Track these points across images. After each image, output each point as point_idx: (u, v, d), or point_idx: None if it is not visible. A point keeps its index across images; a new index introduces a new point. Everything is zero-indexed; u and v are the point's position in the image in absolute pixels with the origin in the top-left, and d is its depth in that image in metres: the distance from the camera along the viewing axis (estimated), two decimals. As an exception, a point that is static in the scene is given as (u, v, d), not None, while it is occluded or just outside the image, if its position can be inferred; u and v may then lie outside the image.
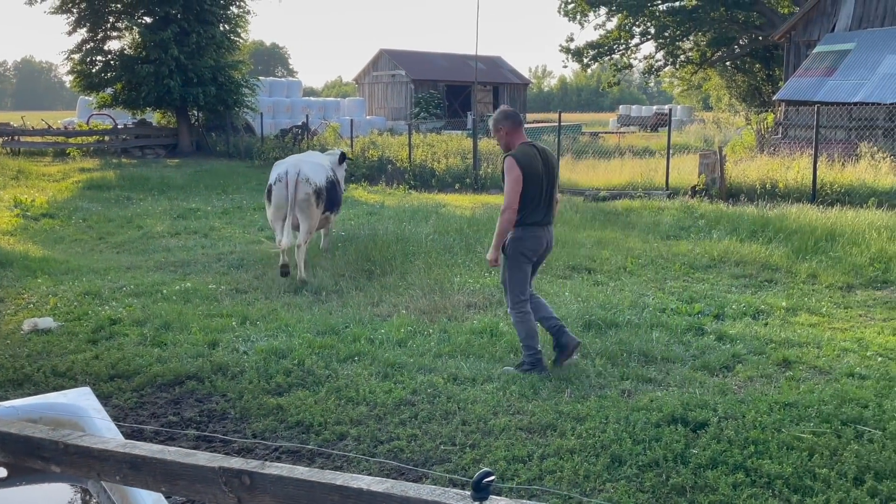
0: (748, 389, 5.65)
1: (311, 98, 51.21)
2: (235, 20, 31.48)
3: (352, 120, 29.95)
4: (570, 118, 51.19)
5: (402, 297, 8.38)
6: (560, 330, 6.20)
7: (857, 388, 5.53)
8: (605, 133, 40.61)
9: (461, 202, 17.29)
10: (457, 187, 20.61)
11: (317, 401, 5.55)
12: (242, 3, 31.69)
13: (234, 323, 7.48)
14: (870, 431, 4.78)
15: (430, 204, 16.84)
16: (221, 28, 30.72)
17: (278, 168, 9.43)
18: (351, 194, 19.82)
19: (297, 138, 27.96)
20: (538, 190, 5.99)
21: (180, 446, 5.05)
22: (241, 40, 32.46)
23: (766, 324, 7.42)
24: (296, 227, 9.29)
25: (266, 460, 4.87)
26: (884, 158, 17.68)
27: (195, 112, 32.15)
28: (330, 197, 9.70)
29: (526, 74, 65.04)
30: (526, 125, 31.98)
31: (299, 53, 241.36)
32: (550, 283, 8.99)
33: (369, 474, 4.51)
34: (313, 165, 9.58)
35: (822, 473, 4.27)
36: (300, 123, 30.08)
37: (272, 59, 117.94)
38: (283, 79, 62.55)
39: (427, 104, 49.17)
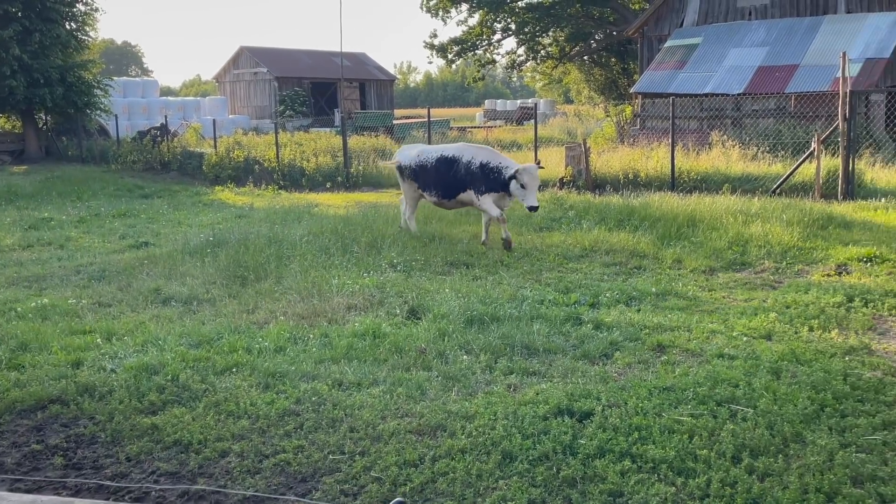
0: (628, 376, 5.81)
1: (170, 98, 49.37)
2: (83, 18, 29.86)
3: (214, 120, 29.01)
4: (437, 113, 51.50)
5: (278, 303, 8.14)
6: None
7: (728, 368, 5.79)
8: (473, 127, 41.14)
9: (334, 201, 17.06)
10: (328, 186, 20.34)
11: (194, 417, 5.29)
12: (89, 0, 30.09)
13: (98, 339, 7.05)
14: (742, 410, 5.01)
15: (301, 204, 16.53)
16: (67, 26, 29.07)
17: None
18: (217, 197, 19.21)
19: (157, 140, 26.81)
20: None
21: (46, 476, 4.71)
22: (89, 39, 30.81)
23: (639, 310, 7.67)
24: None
25: (143, 484, 4.61)
26: (733, 146, 18.73)
27: (43, 115, 30.30)
28: None
29: (391, 70, 64.98)
30: (395, 121, 32.04)
31: (154, 52, 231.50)
32: (430, 280, 8.97)
33: (255, 491, 4.34)
34: None
35: (703, 454, 4.43)
36: (159, 124, 28.88)
37: (125, 58, 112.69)
38: (137, 78, 59.91)
39: (292, 102, 48.32)
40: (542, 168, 12.18)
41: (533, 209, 10.19)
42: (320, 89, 51.37)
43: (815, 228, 11.09)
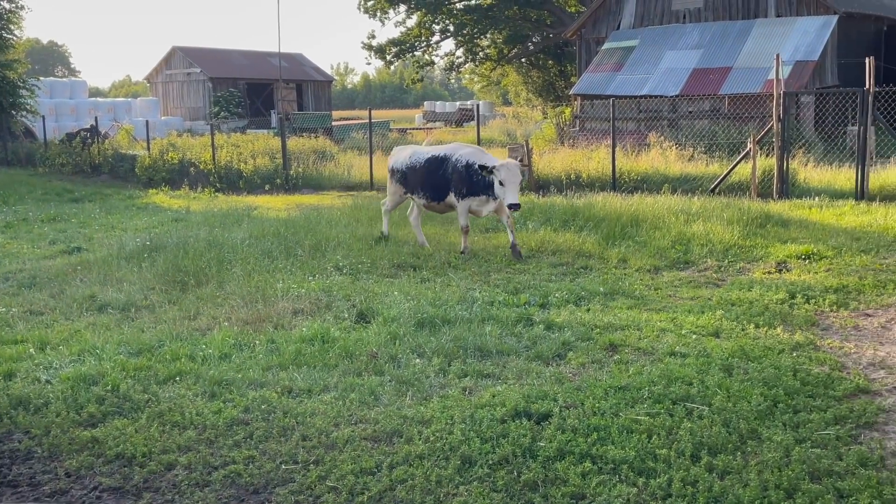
0: (583, 376, 5.79)
1: (99, 99, 48.14)
2: (7, 16, 28.76)
3: (147, 121, 28.27)
4: (377, 115, 51.09)
5: (221, 309, 7.91)
6: None
7: (681, 366, 5.81)
8: (413, 129, 41.10)
9: (274, 203, 16.78)
10: (267, 188, 20.02)
11: (137, 429, 5.07)
12: (14, -2, 29.03)
13: (31, 349, 6.73)
14: (698, 408, 5.02)
15: (240, 207, 16.20)
16: (-9, 24, 28.01)
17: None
18: (151, 200, 18.74)
19: (87, 142, 26.00)
20: None
21: (-22, 497, 4.45)
22: (14, 38, 29.71)
23: (589, 310, 7.67)
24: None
25: (84, 501, 4.39)
26: (670, 147, 19.04)
27: (-36, 116, 29.13)
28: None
29: (328, 71, 64.41)
30: (334, 123, 31.72)
31: (81, 52, 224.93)
32: (377, 283, 8.85)
33: (206, 505, 4.17)
34: None
35: (663, 454, 4.42)
36: (89, 126, 28.02)
37: (51, 58, 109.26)
38: (64, 79, 58.27)
39: (227, 103, 47.51)
40: (526, 166, 11.94)
41: (513, 207, 9.61)
42: (256, 90, 50.64)
43: (754, 227, 11.30)
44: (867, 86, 13.84)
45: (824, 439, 4.55)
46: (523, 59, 50.96)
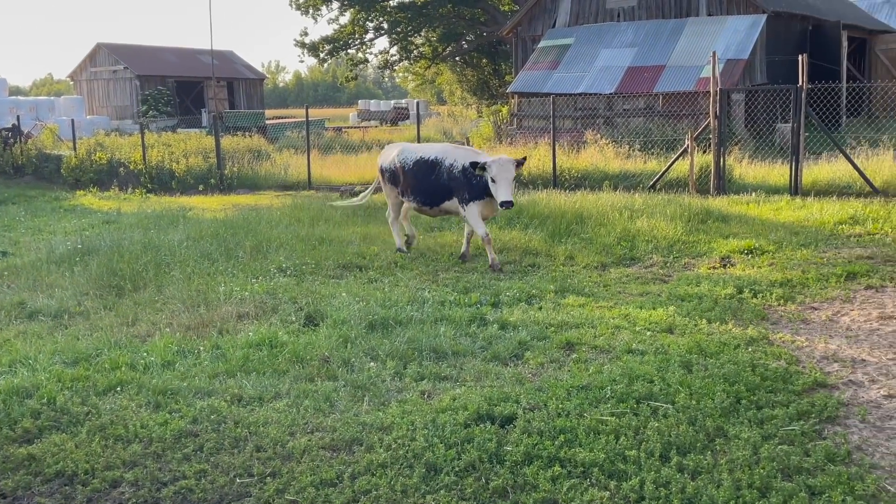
0: (543, 376, 5.68)
1: (20, 98, 46.32)
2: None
3: (73, 120, 27.24)
4: (311, 114, 50.58)
5: (161, 314, 7.58)
6: None
7: (640, 363, 5.75)
8: (349, 128, 40.62)
9: (209, 204, 16.31)
10: (201, 189, 19.49)
11: (78, 444, 4.77)
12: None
13: (-43, 361, 6.31)
14: (663, 407, 4.96)
15: (174, 208, 15.69)
16: None
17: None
18: (79, 202, 18.05)
19: (9, 142, 24.90)
20: None
21: None
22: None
23: (541, 308, 7.58)
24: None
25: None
26: (607, 145, 19.19)
27: None
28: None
29: (260, 69, 63.37)
30: (267, 121, 31.12)
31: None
32: (323, 285, 8.60)
33: (157, 525, 3.92)
34: None
35: (632, 455, 4.33)
36: (10, 125, 26.83)
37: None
38: (-18, 77, 55.81)
39: (156, 101, 46.26)
40: (520, 163, 11.38)
41: (506, 205, 9.01)
42: (186, 88, 49.44)
43: (695, 223, 11.41)
44: (801, 83, 14.15)
45: (790, 435, 4.53)
46: (457, 58, 51.01)
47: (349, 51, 46.15)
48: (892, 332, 6.60)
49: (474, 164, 9.20)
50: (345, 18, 44.55)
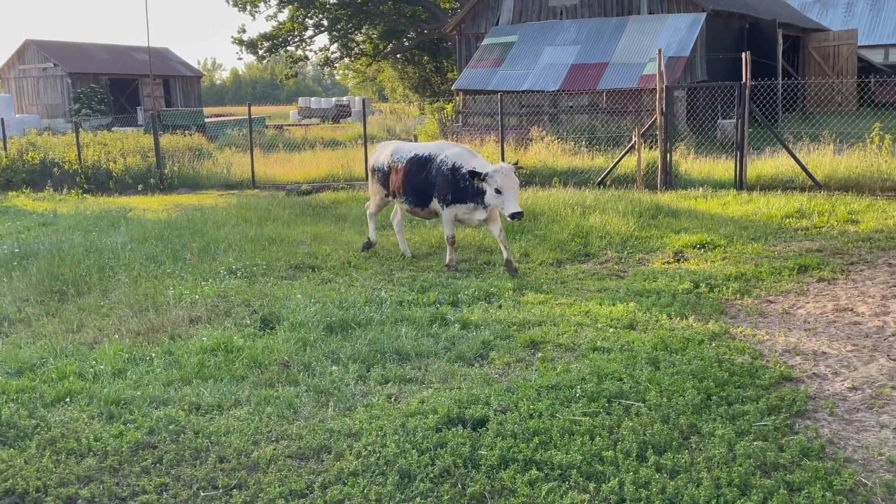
0: (510, 376, 5.58)
1: (-57, 95, 44.50)
2: None
3: (1, 119, 26.20)
4: (252, 111, 49.74)
5: (108, 319, 7.26)
6: None
7: (607, 361, 5.69)
8: (290, 126, 40.07)
9: (150, 204, 15.84)
10: (140, 188, 18.95)
11: (27, 459, 4.50)
12: None
13: None
14: (634, 405, 4.90)
15: (113, 209, 15.18)
16: None
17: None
18: (12, 203, 17.36)
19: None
20: None
21: None
22: None
23: (501, 306, 7.50)
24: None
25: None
26: (553, 141, 19.25)
27: None
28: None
29: (196, 67, 62.11)
30: (207, 119, 30.38)
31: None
32: (276, 286, 8.37)
33: (117, 545, 3.70)
34: None
35: (609, 456, 4.26)
36: (-66, 125, 25.69)
37: None
38: None
39: (89, 100, 44.95)
40: (522, 168, 10.24)
41: (516, 216, 8.33)
42: (120, 86, 48.16)
43: (647, 218, 11.48)
44: (745, 80, 14.37)
45: (763, 431, 4.52)
46: (399, 55, 50.78)
47: (288, 48, 45.60)
48: (848, 324, 6.70)
49: (473, 174, 8.55)
50: (283, 15, 44.05)
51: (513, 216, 8.36)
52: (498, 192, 8.44)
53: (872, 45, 39.66)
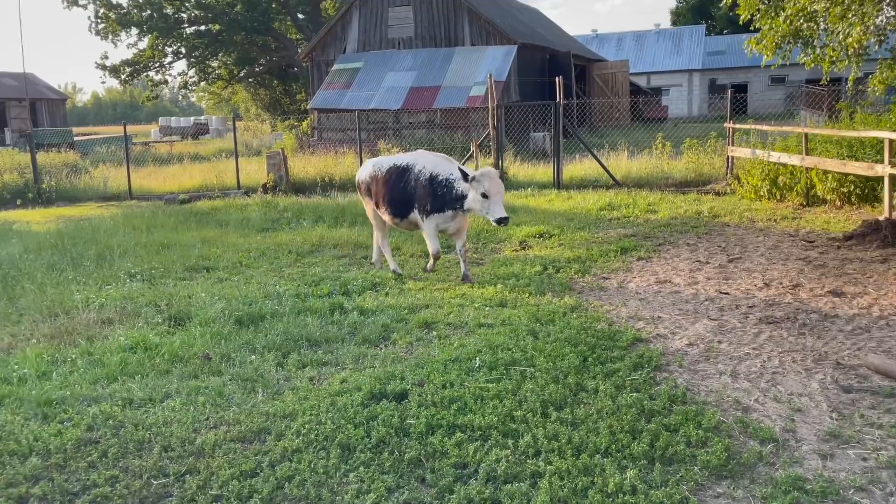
0: (415, 354, 5.45)
1: None
2: None
3: None
4: (115, 130, 46.13)
5: (19, 326, 6.43)
6: None
7: (494, 334, 5.68)
8: (155, 142, 37.57)
9: (32, 217, 14.28)
10: (19, 203, 17.04)
11: (-35, 467, 3.87)
12: None
13: None
14: (528, 370, 4.92)
15: (-5, 223, 13.54)
16: None
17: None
18: None
19: None
20: None
21: None
22: None
23: (388, 294, 7.33)
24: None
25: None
26: (398, 152, 19.19)
27: None
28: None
29: (59, 90, 56.83)
30: (76, 138, 27.88)
31: None
32: (177, 287, 7.74)
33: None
34: None
35: (519, 415, 4.23)
36: None
37: None
38: None
39: (-49, 120, 40.03)
40: (505, 174, 9.13)
41: (502, 221, 7.21)
42: (-16, 108, 43.24)
43: (491, 214, 11.62)
44: (558, 99, 14.92)
45: (635, 384, 4.66)
46: (251, 79, 48.98)
47: (149, 73, 42.78)
48: (670, 294, 7.07)
49: (464, 174, 7.39)
50: (143, 43, 41.22)
51: (499, 221, 7.23)
52: (485, 196, 7.25)
53: (639, 73, 42.60)
